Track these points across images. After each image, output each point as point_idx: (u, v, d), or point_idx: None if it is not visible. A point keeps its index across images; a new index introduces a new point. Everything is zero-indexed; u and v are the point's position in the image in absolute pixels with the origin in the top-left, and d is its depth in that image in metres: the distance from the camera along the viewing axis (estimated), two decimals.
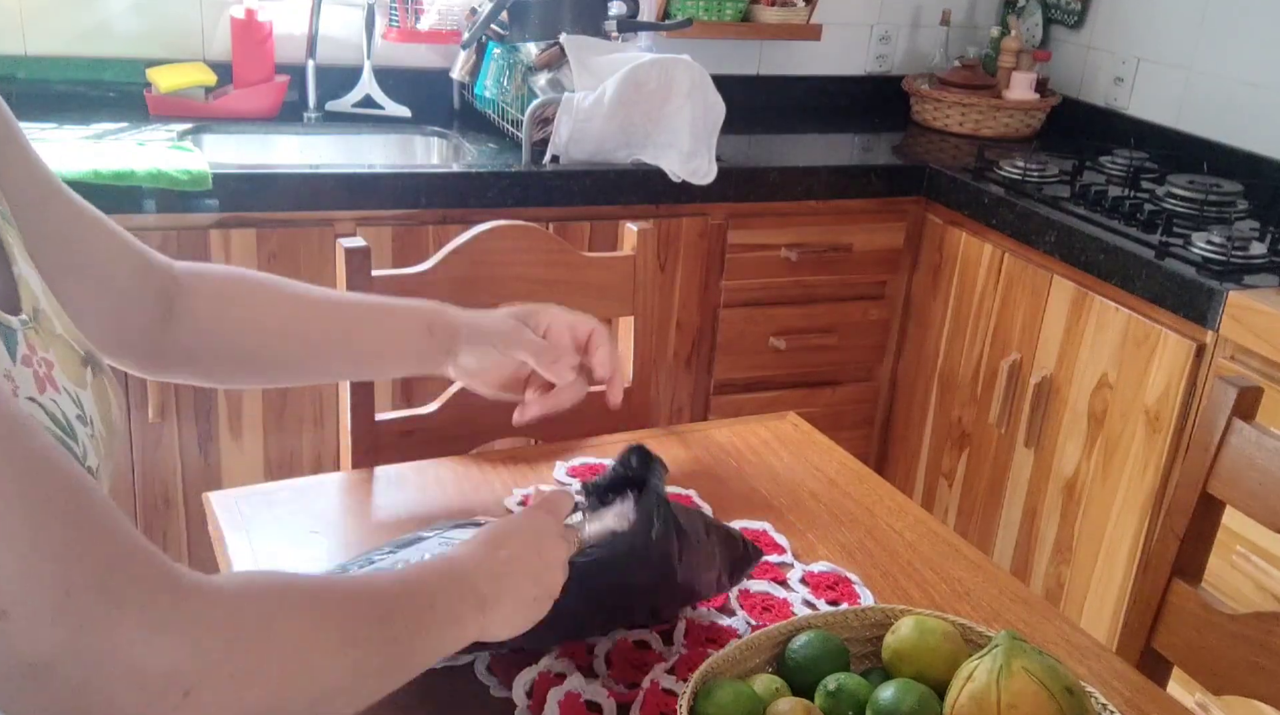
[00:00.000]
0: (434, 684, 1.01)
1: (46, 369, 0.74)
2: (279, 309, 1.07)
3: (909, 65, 3.06)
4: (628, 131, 2.24)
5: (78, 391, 0.77)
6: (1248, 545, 1.81)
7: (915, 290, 2.58)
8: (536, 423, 1.18)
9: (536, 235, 1.56)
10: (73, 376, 0.78)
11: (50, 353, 0.75)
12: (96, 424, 0.78)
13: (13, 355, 0.71)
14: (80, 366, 0.80)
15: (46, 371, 0.74)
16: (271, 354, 1.08)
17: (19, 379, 0.70)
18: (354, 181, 2.07)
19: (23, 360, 0.72)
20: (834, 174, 2.44)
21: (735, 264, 2.40)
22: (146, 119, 2.28)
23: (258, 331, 1.06)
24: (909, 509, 1.35)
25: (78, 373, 0.79)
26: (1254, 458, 1.24)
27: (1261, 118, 2.48)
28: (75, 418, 0.75)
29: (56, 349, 0.77)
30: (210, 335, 1.03)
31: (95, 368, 0.82)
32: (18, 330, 0.73)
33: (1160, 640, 1.32)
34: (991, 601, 1.19)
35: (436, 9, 2.47)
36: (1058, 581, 2.23)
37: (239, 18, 2.35)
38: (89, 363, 0.81)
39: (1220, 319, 1.87)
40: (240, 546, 1.17)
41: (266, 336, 1.06)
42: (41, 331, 0.76)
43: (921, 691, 0.90)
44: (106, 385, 0.83)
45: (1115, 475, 2.08)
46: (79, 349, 0.81)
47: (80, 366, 0.80)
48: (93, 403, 0.79)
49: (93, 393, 0.79)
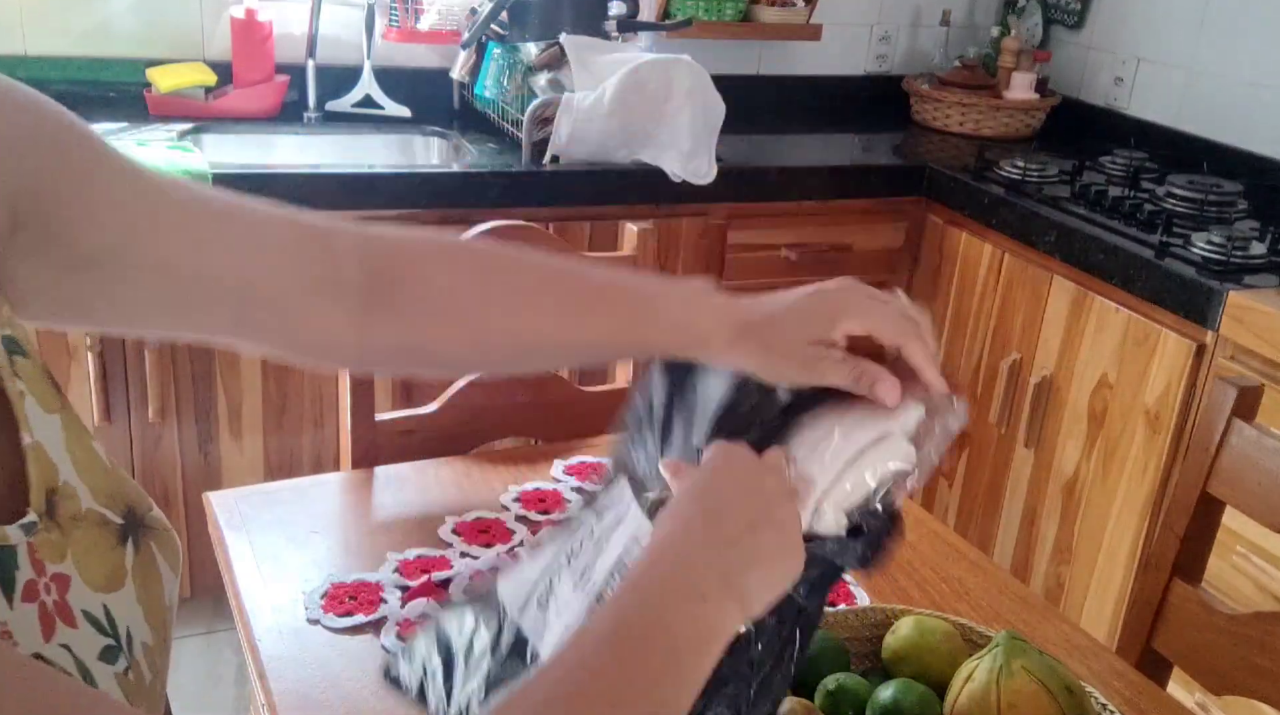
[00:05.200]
0: None
1: (59, 594, 0.59)
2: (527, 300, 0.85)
3: (909, 65, 3.06)
4: (628, 131, 2.24)
5: (107, 602, 0.62)
6: (1248, 545, 1.81)
7: (915, 290, 2.57)
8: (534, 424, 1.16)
9: (536, 235, 1.56)
10: (100, 579, 0.62)
11: (66, 561, 0.61)
12: (137, 638, 0.63)
13: (10, 592, 0.57)
14: (116, 547, 0.65)
15: (58, 598, 0.59)
16: (519, 356, 0.89)
17: (19, 629, 0.56)
18: (354, 181, 2.07)
19: (25, 593, 0.57)
20: (834, 174, 2.44)
21: (735, 264, 2.40)
22: (146, 119, 2.28)
23: (500, 336, 0.85)
24: (909, 509, 1.35)
25: (110, 567, 0.64)
26: (1254, 458, 1.24)
27: (1261, 118, 2.48)
28: (100, 655, 0.60)
29: (76, 547, 0.62)
30: (431, 331, 0.83)
31: (136, 536, 0.67)
32: (18, 546, 0.58)
33: (1160, 640, 1.32)
34: (991, 601, 1.19)
35: (436, 9, 2.47)
36: (1058, 581, 2.23)
37: (239, 18, 2.35)
38: (130, 533, 0.66)
39: (1220, 319, 1.87)
40: (240, 546, 1.17)
41: (513, 340, 0.86)
42: (60, 527, 0.62)
43: (921, 691, 0.90)
44: (155, 555, 0.68)
45: (1115, 475, 2.08)
46: (116, 516, 0.66)
47: (116, 547, 0.65)
48: (133, 602, 0.64)
49: (134, 583, 0.65)
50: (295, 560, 1.16)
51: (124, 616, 0.63)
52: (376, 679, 1.01)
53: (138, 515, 0.68)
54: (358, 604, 1.11)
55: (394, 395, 2.17)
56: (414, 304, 0.82)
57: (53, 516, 0.61)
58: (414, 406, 1.57)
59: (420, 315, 0.83)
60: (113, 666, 0.61)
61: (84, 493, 0.64)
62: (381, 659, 0.90)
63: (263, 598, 1.11)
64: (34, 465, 0.62)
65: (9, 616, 0.56)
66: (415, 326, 0.83)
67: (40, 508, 0.61)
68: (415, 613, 1.10)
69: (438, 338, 0.84)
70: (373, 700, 0.99)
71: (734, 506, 0.67)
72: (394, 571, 1.16)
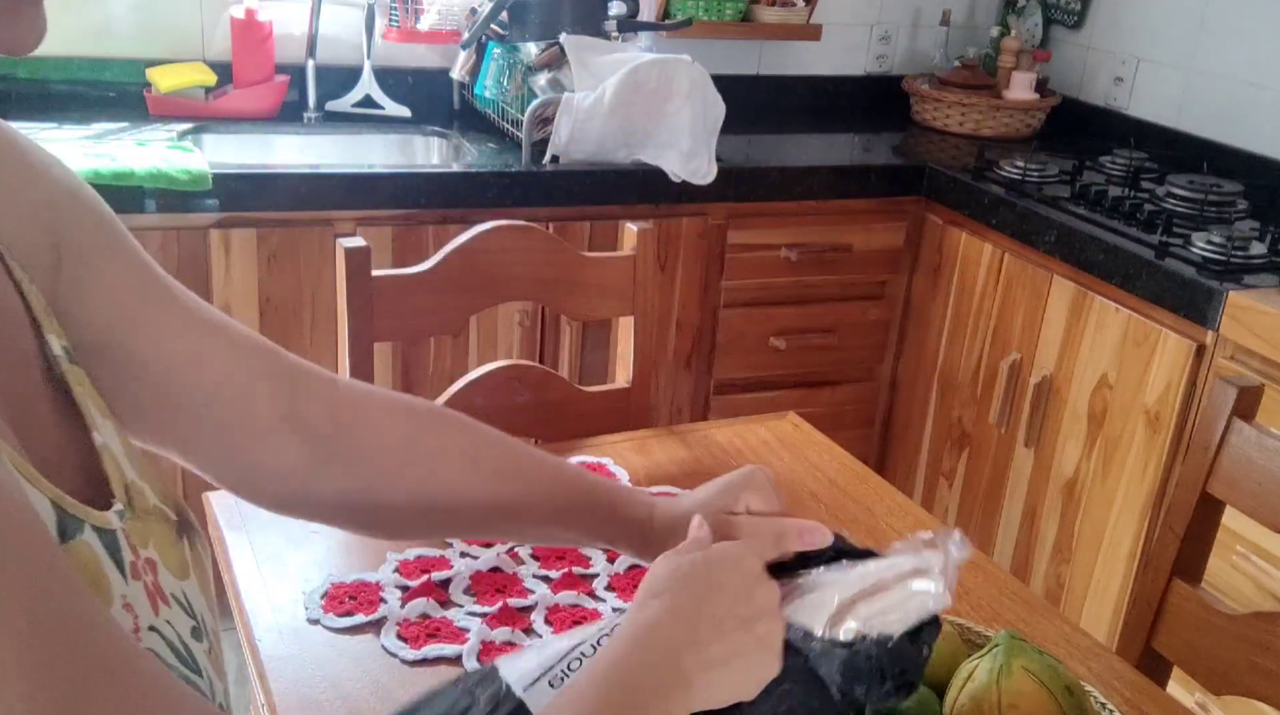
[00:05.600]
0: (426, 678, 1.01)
1: (153, 576, 0.62)
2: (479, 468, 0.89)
3: (909, 65, 3.06)
4: (628, 131, 2.24)
5: (183, 588, 0.64)
6: (1248, 545, 1.81)
7: (915, 290, 2.58)
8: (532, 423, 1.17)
9: (536, 235, 1.56)
10: (175, 567, 0.65)
11: (150, 547, 0.63)
12: (207, 625, 0.66)
13: (123, 570, 0.59)
14: (177, 542, 0.67)
15: (153, 579, 0.62)
16: (463, 513, 0.89)
17: (136, 603, 0.58)
18: (354, 181, 2.07)
19: (132, 572, 0.60)
20: (834, 174, 2.44)
21: (735, 264, 2.40)
22: (146, 119, 2.28)
23: (449, 487, 0.88)
24: (909, 509, 1.35)
25: (179, 559, 0.66)
26: (1254, 458, 1.24)
27: (1261, 118, 2.48)
28: (191, 634, 0.63)
29: (155, 538, 0.64)
30: (380, 482, 0.85)
31: (190, 534, 0.69)
32: (118, 530, 0.60)
33: (1160, 640, 1.32)
34: (991, 601, 1.19)
35: (436, 9, 2.47)
36: (1058, 581, 2.23)
37: (239, 18, 2.35)
38: (184, 532, 0.69)
39: (1220, 319, 1.87)
40: (240, 546, 1.17)
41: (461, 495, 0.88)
42: (137, 517, 0.64)
43: (921, 691, 0.90)
44: (201, 552, 0.70)
45: (1115, 475, 2.08)
46: (173, 514, 0.69)
47: (177, 542, 0.67)
48: (198, 591, 0.66)
49: (195, 576, 0.67)
50: (295, 560, 1.16)
51: (195, 603, 0.65)
52: (376, 679, 1.01)
53: (187, 517, 0.71)
54: (358, 604, 1.11)
55: None
56: (367, 457, 0.85)
57: (132, 508, 0.64)
58: None
59: (371, 467, 0.85)
60: (201, 644, 0.63)
61: (149, 491, 0.67)
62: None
63: (263, 598, 1.11)
64: (109, 463, 0.65)
65: (126, 590, 0.58)
66: (364, 478, 0.85)
67: (123, 499, 0.64)
68: (415, 613, 1.10)
69: (384, 490, 0.86)
70: (373, 700, 0.99)
71: (723, 605, 0.71)
72: (394, 571, 1.16)
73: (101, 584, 0.56)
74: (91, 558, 0.57)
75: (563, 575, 1.17)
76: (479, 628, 1.08)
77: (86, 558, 0.56)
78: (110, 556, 0.58)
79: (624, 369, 1.64)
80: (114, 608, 0.56)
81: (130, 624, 0.57)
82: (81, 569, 0.56)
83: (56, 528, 0.55)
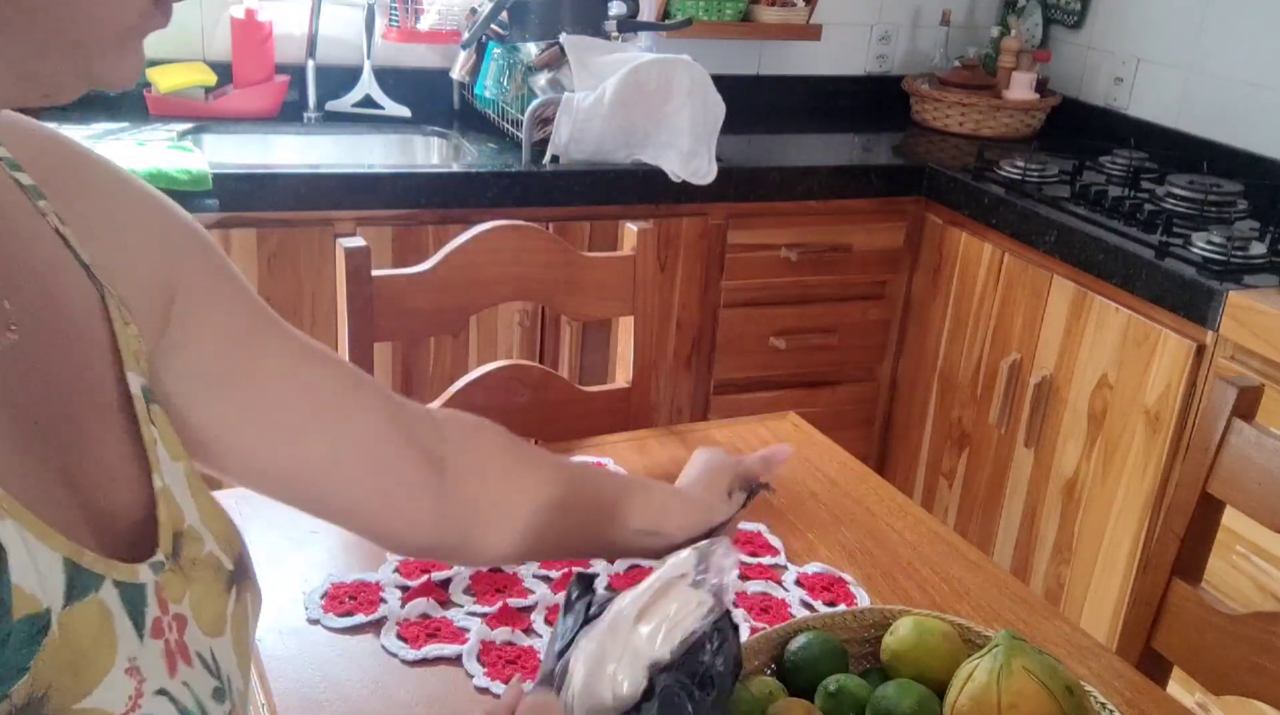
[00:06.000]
0: (426, 678, 1.01)
1: (178, 633, 0.61)
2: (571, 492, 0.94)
3: (909, 65, 3.06)
4: (628, 131, 2.24)
5: (213, 646, 0.64)
6: (1248, 545, 1.81)
7: (915, 290, 2.58)
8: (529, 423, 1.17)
9: (536, 235, 1.56)
10: (210, 624, 0.65)
11: (185, 602, 0.63)
12: (233, 682, 0.66)
13: (140, 629, 0.58)
14: (224, 594, 0.67)
15: (178, 637, 0.61)
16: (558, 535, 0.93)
17: (146, 666, 0.58)
18: (354, 181, 2.07)
19: (153, 630, 0.59)
20: (834, 174, 2.44)
21: (735, 264, 2.40)
22: (146, 119, 2.28)
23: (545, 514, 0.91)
24: (909, 509, 1.35)
25: (218, 612, 0.66)
26: (1254, 458, 1.24)
27: (1261, 118, 2.48)
28: (212, 694, 0.63)
29: (195, 589, 0.64)
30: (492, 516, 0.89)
31: (241, 583, 0.69)
32: (147, 585, 0.60)
33: (1160, 640, 1.32)
34: (991, 601, 1.19)
35: (436, 9, 2.47)
36: (1058, 581, 2.23)
37: (239, 18, 2.35)
38: (236, 581, 0.69)
39: (1220, 319, 1.87)
40: None
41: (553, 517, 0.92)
42: (182, 570, 0.64)
43: (921, 692, 0.90)
44: (249, 603, 0.71)
45: (1115, 475, 2.08)
46: (229, 563, 0.68)
47: (224, 594, 0.67)
48: (229, 649, 0.66)
49: (231, 632, 0.67)
50: (295, 560, 1.16)
51: (224, 662, 0.65)
52: (376, 679, 1.01)
53: (244, 565, 0.71)
54: (358, 604, 1.11)
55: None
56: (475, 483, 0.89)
57: (177, 559, 0.64)
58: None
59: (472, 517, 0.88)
60: (221, 706, 0.63)
61: (208, 537, 0.67)
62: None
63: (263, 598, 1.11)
64: (164, 508, 0.64)
65: (138, 651, 0.57)
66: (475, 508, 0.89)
67: (168, 549, 0.63)
68: (415, 613, 1.10)
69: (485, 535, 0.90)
70: (373, 700, 0.99)
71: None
72: (394, 571, 1.16)
73: (102, 647, 0.55)
74: (97, 618, 0.56)
75: (562, 575, 1.17)
76: (479, 628, 1.08)
77: (90, 619, 0.55)
78: (130, 613, 0.58)
79: (624, 369, 1.64)
80: (113, 674, 0.56)
81: (131, 690, 0.56)
82: (78, 637, 0.54)
83: (65, 588, 0.54)
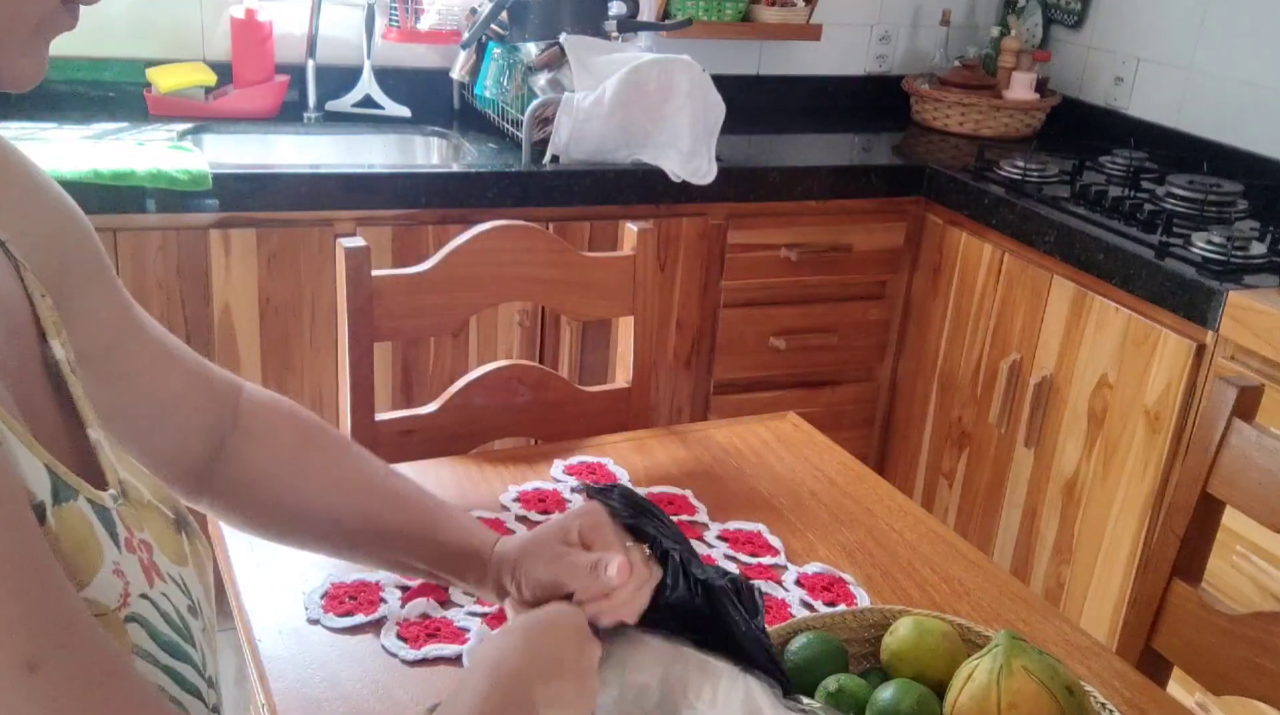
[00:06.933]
0: (426, 678, 1.01)
1: (147, 554, 0.65)
2: (344, 482, 0.95)
3: (909, 65, 3.06)
4: (628, 131, 2.24)
5: (180, 572, 0.68)
6: (1248, 545, 1.81)
7: (915, 290, 2.58)
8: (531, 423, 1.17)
9: (536, 235, 1.56)
10: (172, 553, 0.69)
11: (146, 532, 0.67)
12: (204, 609, 0.70)
13: (116, 542, 0.62)
14: (176, 534, 0.71)
15: (148, 557, 0.65)
16: (324, 525, 0.95)
17: (129, 571, 0.62)
18: (354, 181, 2.07)
19: (126, 546, 0.63)
20: (834, 174, 2.44)
21: (735, 264, 2.40)
22: (146, 119, 2.28)
23: (317, 499, 0.94)
24: (909, 509, 1.35)
25: (176, 546, 0.70)
26: (1254, 458, 1.24)
27: (1261, 118, 2.48)
28: (188, 610, 0.66)
29: (151, 525, 0.68)
30: (258, 488, 0.93)
31: (189, 531, 0.74)
32: (112, 509, 0.64)
33: (1160, 640, 1.32)
34: (991, 601, 1.19)
35: (436, 9, 2.47)
36: (1058, 581, 2.23)
37: (239, 18, 2.35)
38: (183, 527, 0.73)
39: (1220, 319, 1.87)
40: (240, 547, 1.17)
41: (325, 505, 0.94)
42: (132, 505, 0.68)
43: (921, 692, 0.90)
44: (201, 549, 0.74)
45: (1115, 475, 2.08)
46: (170, 512, 0.73)
47: (176, 534, 0.71)
48: (195, 579, 0.70)
49: (193, 566, 0.71)
50: (295, 560, 1.16)
51: (193, 589, 0.69)
52: (376, 679, 1.01)
53: (185, 519, 0.74)
54: (358, 604, 1.11)
55: (394, 395, 2.17)
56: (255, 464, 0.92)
57: (127, 498, 0.68)
58: (414, 407, 1.57)
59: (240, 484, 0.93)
60: (197, 621, 0.67)
61: (144, 490, 0.71)
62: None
63: (263, 598, 1.11)
64: (104, 458, 0.69)
65: (120, 559, 0.61)
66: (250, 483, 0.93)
67: (117, 488, 0.67)
68: (415, 613, 1.10)
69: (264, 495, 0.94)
70: (373, 700, 0.99)
71: (564, 651, 0.80)
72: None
73: (91, 546, 0.59)
74: (83, 522, 0.59)
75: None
76: (479, 628, 1.08)
77: (77, 521, 0.59)
78: (105, 527, 0.61)
79: (624, 369, 1.64)
80: (103, 572, 0.59)
81: (120, 589, 0.59)
82: (70, 531, 0.58)
83: (50, 490, 0.58)
